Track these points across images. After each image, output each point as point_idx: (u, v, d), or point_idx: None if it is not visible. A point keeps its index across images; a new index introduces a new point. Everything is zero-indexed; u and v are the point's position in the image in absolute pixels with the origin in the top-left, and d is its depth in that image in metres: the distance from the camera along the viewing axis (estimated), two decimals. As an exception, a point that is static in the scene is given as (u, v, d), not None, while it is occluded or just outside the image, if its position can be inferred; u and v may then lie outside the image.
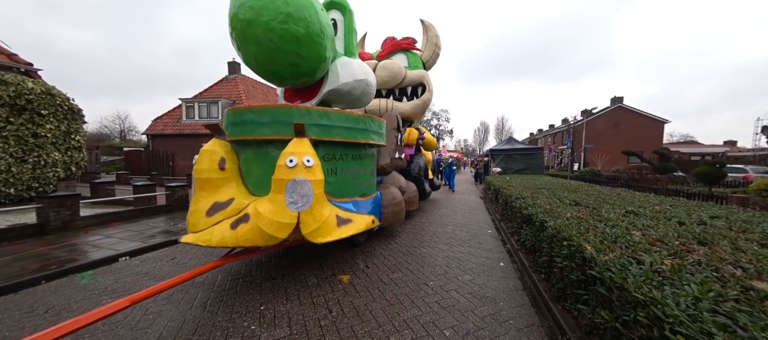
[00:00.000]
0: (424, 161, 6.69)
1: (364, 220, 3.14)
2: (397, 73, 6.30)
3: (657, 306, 1.26)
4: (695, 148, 31.60)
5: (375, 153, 3.89)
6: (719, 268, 1.59)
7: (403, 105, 6.56)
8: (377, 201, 3.67)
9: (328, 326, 2.11)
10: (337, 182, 3.14)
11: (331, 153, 3.08)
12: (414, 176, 5.98)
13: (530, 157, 16.24)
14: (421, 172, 6.33)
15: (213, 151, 2.84)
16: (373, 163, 3.82)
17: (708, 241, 2.10)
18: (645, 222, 2.67)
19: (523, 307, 2.41)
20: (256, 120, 2.84)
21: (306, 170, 2.44)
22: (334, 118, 3.02)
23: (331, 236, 2.60)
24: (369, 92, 3.79)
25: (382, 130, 3.86)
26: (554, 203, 3.80)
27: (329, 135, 2.97)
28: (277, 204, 2.37)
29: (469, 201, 8.81)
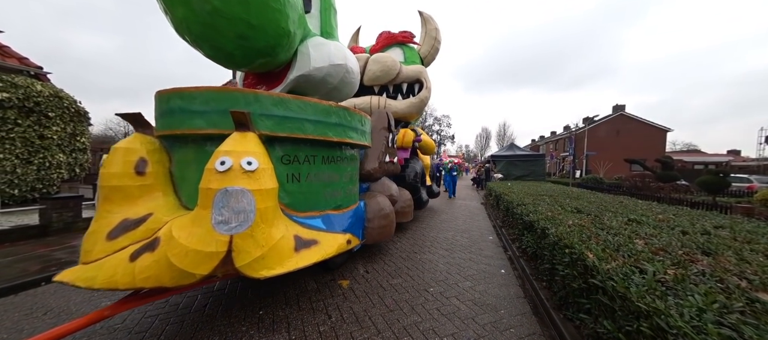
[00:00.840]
0: (420, 166, 5.99)
1: (335, 241, 2.39)
2: (390, 67, 5.57)
3: (660, 317, 1.24)
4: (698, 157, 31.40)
5: (357, 155, 3.18)
6: (724, 279, 1.57)
7: (397, 103, 5.79)
8: (359, 214, 3.04)
9: (327, 332, 2.09)
10: (301, 191, 2.41)
11: (292, 154, 2.35)
12: (409, 183, 5.30)
13: (532, 163, 16.21)
14: (418, 178, 5.64)
15: (128, 150, 2.12)
16: (354, 167, 3.10)
17: (712, 251, 2.08)
18: (648, 231, 2.65)
19: (525, 315, 2.37)
20: (186, 107, 2.13)
21: (245, 176, 1.80)
22: (294, 107, 2.29)
23: (282, 266, 1.88)
24: (350, 82, 3.14)
25: (365, 127, 3.17)
26: (556, 210, 3.78)
27: (288, 130, 2.25)
28: (201, 224, 1.70)
29: (470, 207, 8.76)
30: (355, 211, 2.99)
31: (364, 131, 3.16)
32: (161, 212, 2.05)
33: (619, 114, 29.00)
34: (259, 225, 1.81)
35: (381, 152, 3.68)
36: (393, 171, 4.24)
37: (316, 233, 2.32)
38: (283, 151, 2.31)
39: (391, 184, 4.01)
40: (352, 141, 2.84)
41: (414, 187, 5.41)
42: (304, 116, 2.34)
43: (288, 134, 2.26)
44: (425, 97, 6.06)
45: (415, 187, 5.47)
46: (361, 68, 5.56)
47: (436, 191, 7.87)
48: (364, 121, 3.12)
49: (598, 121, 28.45)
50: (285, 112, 2.25)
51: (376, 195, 3.47)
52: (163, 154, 2.31)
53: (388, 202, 3.51)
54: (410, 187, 5.27)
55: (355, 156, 3.13)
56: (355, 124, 2.88)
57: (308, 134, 2.37)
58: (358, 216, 3.02)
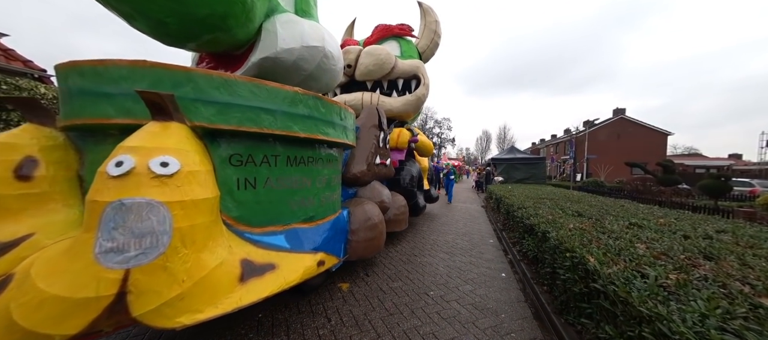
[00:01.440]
0: (417, 169, 5.45)
1: (300, 264, 1.92)
2: (384, 60, 5.04)
3: (663, 322, 1.23)
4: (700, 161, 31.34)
5: (338, 156, 2.66)
6: (726, 284, 1.56)
7: (392, 100, 5.25)
8: (340, 225, 2.58)
9: (326, 335, 2.08)
10: (258, 200, 1.90)
11: (245, 153, 1.85)
12: (404, 187, 4.82)
13: (532, 166, 16.20)
14: (414, 182, 5.11)
15: (5, 147, 1.59)
16: (334, 170, 2.58)
17: (714, 256, 2.06)
18: (649, 235, 2.64)
19: (526, 319, 2.35)
20: (90, 88, 1.60)
21: (156, 183, 1.30)
22: (244, 92, 1.76)
23: (215, 307, 1.39)
24: (331, 69, 2.63)
25: (347, 122, 2.66)
26: (556, 214, 3.76)
27: (237, 121, 1.73)
28: (78, 256, 1.18)
29: (470, 210, 8.74)
30: (335, 222, 2.51)
31: (346, 127, 2.62)
32: (50, 232, 1.49)
33: (619, 117, 29.01)
34: (179, 251, 1.29)
35: (370, 153, 3.27)
36: (386, 175, 3.86)
37: (275, 254, 1.81)
38: (232, 149, 1.78)
39: (382, 189, 3.59)
40: (329, 138, 2.31)
41: (410, 192, 4.91)
42: (259, 104, 1.79)
43: (237, 127, 1.72)
44: (422, 94, 5.46)
45: (411, 192, 4.98)
46: (353, 61, 5.12)
47: (435, 195, 7.22)
48: (344, 116, 2.57)
49: (599, 124, 28.46)
50: (231, 98, 1.69)
51: (364, 202, 3.02)
52: (69, 152, 1.74)
53: (378, 210, 3.09)
54: (405, 192, 4.80)
55: (335, 157, 2.58)
56: (332, 117, 2.34)
57: (266, 128, 1.81)
58: (339, 228, 2.56)
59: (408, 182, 4.93)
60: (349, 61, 5.13)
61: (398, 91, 5.56)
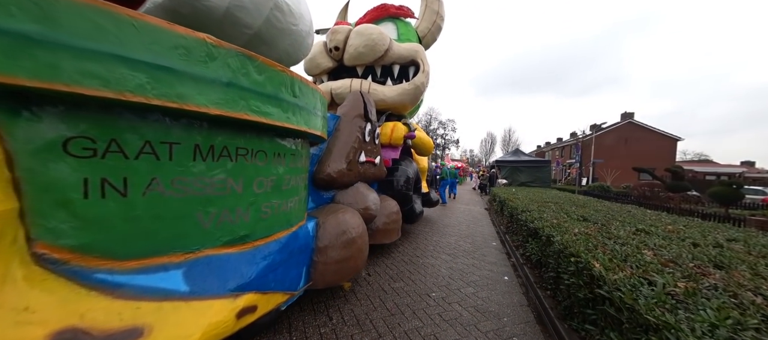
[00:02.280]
0: (414, 170, 4.70)
1: (198, 319, 1.21)
2: (376, 41, 4.22)
3: (670, 331, 1.20)
4: (710, 168, 30.65)
5: (301, 150, 1.97)
6: (737, 294, 1.52)
7: (385, 89, 4.46)
8: (299, 244, 1.91)
9: (327, 334, 2.09)
10: (131, 215, 1.17)
11: (99, 135, 1.08)
12: (398, 190, 4.12)
13: (537, 170, 16.04)
14: (410, 184, 4.40)
15: None
16: (293, 169, 1.87)
17: (725, 264, 2.01)
18: (657, 242, 2.59)
19: (528, 324, 2.33)
20: None
21: None
22: (76, 20, 0.93)
23: None
24: (288, 29, 1.77)
25: (309, 102, 1.84)
26: (561, 218, 3.72)
27: (66, 77, 0.92)
28: None
29: (473, 212, 8.69)
30: (290, 240, 1.80)
31: (308, 110, 1.80)
32: None
33: (627, 122, 28.54)
34: None
35: (353, 149, 2.76)
36: (375, 175, 3.33)
37: (149, 306, 1.11)
38: (69, 127, 1.03)
39: (368, 193, 2.98)
40: (272, 122, 1.51)
41: (404, 196, 4.20)
42: (118, 50, 1.01)
43: (68, 88, 0.93)
44: (421, 83, 4.60)
45: (406, 195, 4.25)
46: (341, 42, 4.36)
47: (435, 199, 6.37)
48: (302, 92, 1.74)
49: (606, 128, 28.06)
50: (46, 30, 0.89)
51: (340, 211, 2.37)
52: None
53: (358, 220, 2.46)
54: (399, 195, 4.10)
55: (293, 150, 1.85)
56: (277, 91, 1.54)
57: (134, 95, 1.04)
58: (297, 247, 1.87)
59: (402, 184, 4.17)
60: (336, 42, 4.37)
61: (393, 78, 4.70)
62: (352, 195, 2.84)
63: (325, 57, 4.67)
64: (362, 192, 2.93)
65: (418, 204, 4.82)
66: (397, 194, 4.11)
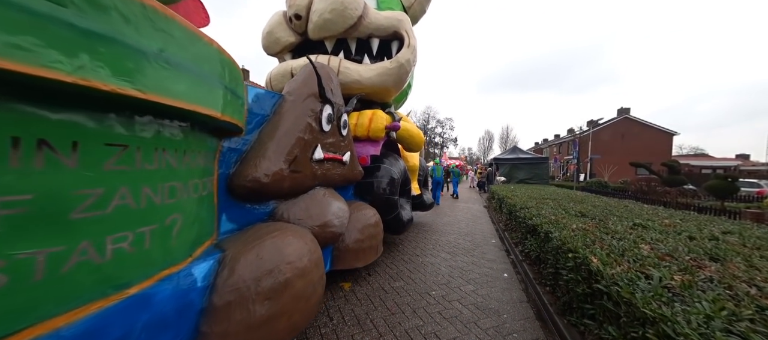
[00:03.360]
0: (401, 169, 3.76)
1: None
2: (346, 5, 3.28)
3: (667, 323, 1.22)
4: (706, 162, 30.94)
5: (173, 137, 1.17)
6: (732, 286, 1.54)
7: (361, 69, 3.53)
8: (162, 309, 1.08)
9: (328, 334, 2.09)
10: None
11: None
12: (379, 195, 3.29)
13: (535, 166, 16.10)
14: (395, 187, 3.50)
15: None
16: (164, 173, 1.12)
17: (720, 257, 2.04)
18: (654, 236, 2.61)
19: (528, 320, 2.35)
20: None
21: None
22: None
23: None
24: None
25: (206, 64, 1.17)
26: (559, 214, 3.74)
27: None
28: None
29: (472, 209, 8.71)
30: (138, 303, 1.01)
31: (187, 71, 1.07)
32: None
33: (623, 117, 28.72)
34: None
35: (299, 141, 1.98)
36: (346, 177, 2.65)
37: None
38: None
39: (328, 202, 2.24)
40: (107, 87, 0.80)
41: (387, 201, 3.32)
42: None
43: None
44: (407, 60, 3.59)
45: (390, 201, 3.36)
46: (304, 9, 3.42)
47: (429, 201, 5.50)
48: (178, 37, 1.04)
49: (603, 124, 28.22)
50: None
51: (269, 235, 1.55)
52: None
53: (304, 247, 1.65)
54: (381, 201, 3.26)
55: (166, 137, 1.14)
56: (117, 28, 0.83)
57: None
58: (160, 315, 1.08)
59: (385, 187, 3.29)
60: (297, 8, 3.42)
61: (372, 55, 3.73)
62: (303, 207, 2.01)
63: (285, 29, 3.66)
64: (320, 201, 2.11)
65: (406, 210, 3.92)
66: (378, 199, 3.25)
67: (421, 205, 5.26)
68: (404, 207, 3.96)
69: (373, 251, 2.91)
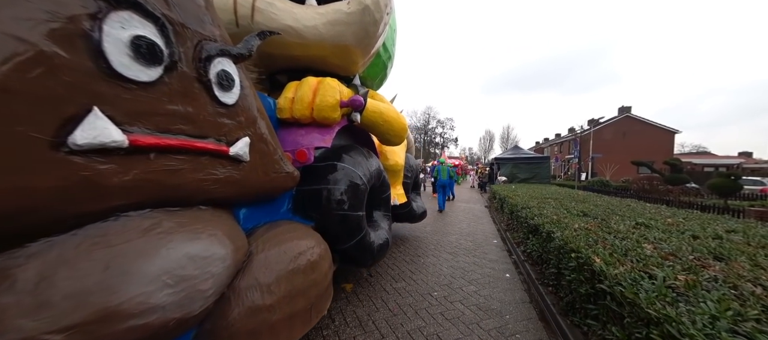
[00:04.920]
0: (369, 171, 2.42)
1: None
2: None
3: (671, 324, 1.21)
4: (709, 160, 30.77)
5: None
6: (737, 285, 1.53)
7: (299, 9, 2.17)
8: None
9: (330, 336, 2.08)
10: None
11: None
12: (331, 211, 2.05)
13: (536, 166, 16.04)
14: (358, 198, 2.20)
15: None
16: None
17: (724, 256, 2.02)
18: (657, 235, 2.60)
19: (530, 320, 2.33)
20: None
21: None
22: None
23: None
24: None
25: None
26: (561, 214, 3.73)
27: None
28: None
29: (473, 209, 8.70)
30: None
31: None
32: None
33: (625, 116, 28.63)
34: None
35: None
36: (248, 186, 1.50)
37: None
38: None
39: (133, 254, 0.94)
40: None
41: (345, 221, 2.12)
42: None
43: None
44: (374, 1, 2.30)
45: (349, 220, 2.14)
46: None
47: (420, 210, 4.38)
48: None
49: (604, 123, 28.13)
50: None
51: None
52: None
53: None
54: (335, 221, 2.09)
55: None
56: None
57: None
58: None
59: (341, 198, 2.08)
60: None
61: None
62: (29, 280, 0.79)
63: None
64: (102, 256, 0.89)
65: (380, 230, 2.59)
66: (329, 218, 2.04)
67: (409, 215, 4.16)
68: (378, 226, 2.62)
69: (301, 320, 1.56)
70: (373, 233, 2.45)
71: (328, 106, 2.03)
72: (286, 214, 2.01)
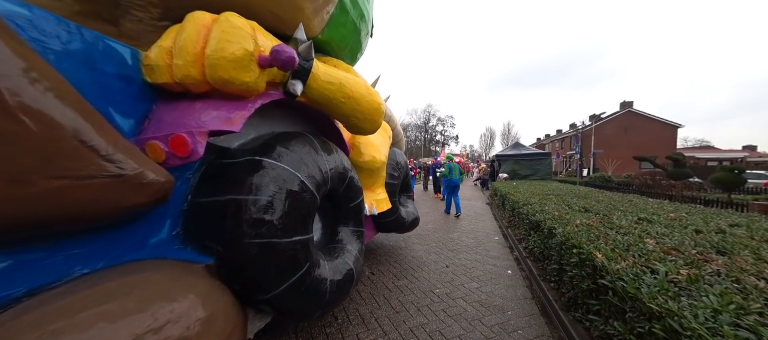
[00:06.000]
0: (323, 170, 1.63)
1: None
2: None
3: (673, 318, 1.21)
4: (712, 154, 30.55)
5: None
6: (740, 279, 1.53)
7: None
8: None
9: (333, 334, 2.10)
10: None
11: None
12: (243, 240, 1.23)
13: (538, 162, 15.99)
14: (295, 217, 1.39)
15: None
16: None
17: (727, 250, 2.02)
18: (659, 230, 2.59)
19: (532, 316, 2.34)
20: None
21: None
22: None
23: None
24: None
25: None
26: (563, 210, 3.72)
27: None
28: None
29: (475, 207, 8.69)
30: None
31: None
32: None
33: (627, 111, 28.44)
34: None
35: None
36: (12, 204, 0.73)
37: None
38: None
39: None
40: None
41: (267, 255, 1.27)
42: None
43: None
44: None
45: (277, 252, 1.30)
46: None
47: (410, 217, 3.53)
48: None
49: (605, 118, 27.99)
50: None
51: None
52: None
53: None
54: (249, 256, 1.24)
55: None
56: None
57: None
58: None
59: (260, 217, 1.27)
60: None
61: None
62: None
63: None
64: None
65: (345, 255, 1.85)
66: (238, 250, 1.26)
67: (397, 224, 3.26)
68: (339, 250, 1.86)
69: None
70: (326, 265, 1.62)
71: (230, 59, 1.17)
72: (165, 246, 1.22)
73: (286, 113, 1.85)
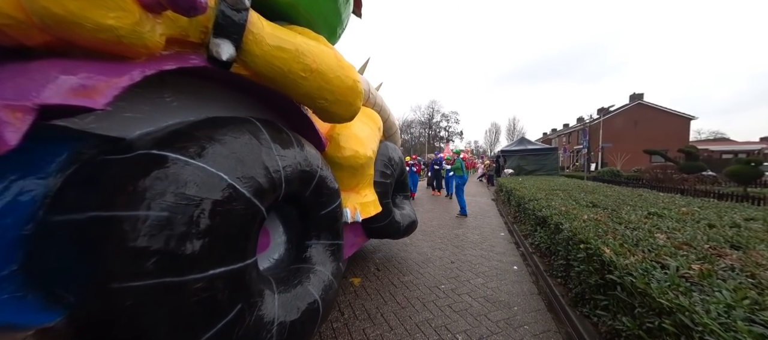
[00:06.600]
0: (272, 169, 1.21)
1: None
2: None
3: (684, 313, 1.19)
4: (727, 146, 29.60)
5: None
6: (755, 274, 1.49)
7: None
8: None
9: (340, 329, 2.13)
10: None
11: None
12: (127, 273, 0.78)
13: (544, 157, 15.75)
14: (215, 234, 0.94)
15: None
16: None
17: (742, 245, 1.96)
18: (670, 225, 2.53)
19: (539, 312, 2.33)
20: None
21: None
22: None
23: None
24: None
25: None
26: (570, 205, 3.67)
27: None
28: None
29: (480, 203, 8.63)
30: None
31: None
32: None
33: (636, 103, 27.67)
34: None
35: None
36: None
37: None
38: None
39: None
40: None
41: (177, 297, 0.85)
42: None
43: None
44: None
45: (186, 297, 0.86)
46: None
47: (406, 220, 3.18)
48: None
49: (614, 111, 27.27)
50: None
51: None
52: None
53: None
54: (145, 303, 0.80)
55: None
56: None
57: None
58: None
59: (145, 246, 0.81)
60: None
61: None
62: None
63: None
64: None
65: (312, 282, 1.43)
66: (109, 300, 0.79)
67: (391, 229, 2.93)
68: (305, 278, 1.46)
69: None
70: (274, 300, 1.20)
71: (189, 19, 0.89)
72: None
73: (234, 95, 1.36)
